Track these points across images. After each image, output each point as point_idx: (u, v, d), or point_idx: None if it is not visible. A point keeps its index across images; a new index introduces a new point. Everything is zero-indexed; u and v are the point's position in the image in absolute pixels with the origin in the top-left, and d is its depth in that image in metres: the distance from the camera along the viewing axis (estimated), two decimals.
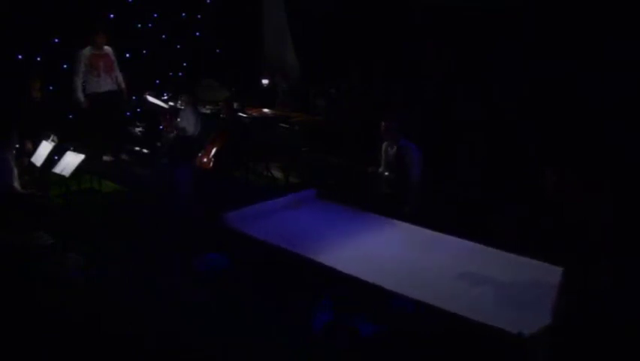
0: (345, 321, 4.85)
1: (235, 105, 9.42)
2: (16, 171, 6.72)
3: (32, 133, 8.29)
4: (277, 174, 8.96)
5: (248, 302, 5.29)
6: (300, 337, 4.85)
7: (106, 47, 8.95)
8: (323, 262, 5.12)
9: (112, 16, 9.90)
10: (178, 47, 10.90)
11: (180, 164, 7.82)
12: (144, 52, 10.42)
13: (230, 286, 5.52)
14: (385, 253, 5.32)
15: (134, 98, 10.06)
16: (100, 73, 8.79)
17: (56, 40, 9.43)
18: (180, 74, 11.02)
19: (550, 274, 4.77)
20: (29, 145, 8.31)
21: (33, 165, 7.96)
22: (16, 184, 6.59)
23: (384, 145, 6.41)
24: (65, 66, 9.47)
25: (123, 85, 9.15)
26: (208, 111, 9.82)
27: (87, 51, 8.78)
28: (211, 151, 8.71)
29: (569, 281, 3.68)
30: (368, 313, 4.86)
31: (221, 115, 9.43)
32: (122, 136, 9.07)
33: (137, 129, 9.91)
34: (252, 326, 4.99)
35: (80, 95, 8.78)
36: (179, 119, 9.60)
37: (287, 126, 9.16)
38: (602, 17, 6.46)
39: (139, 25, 10.32)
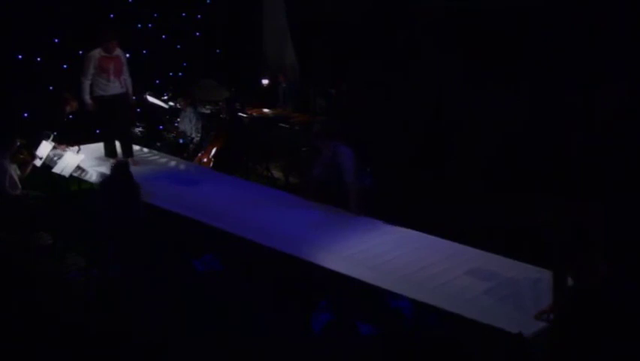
0: (345, 321, 4.86)
1: (235, 105, 9.41)
2: (13, 174, 6.72)
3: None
4: (277, 174, 8.96)
5: (247, 303, 5.30)
6: (300, 337, 4.86)
7: (117, 50, 8.73)
8: (322, 263, 5.12)
9: (112, 16, 9.90)
10: (178, 47, 10.90)
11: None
12: (144, 52, 10.42)
13: (230, 287, 5.52)
14: (384, 254, 5.32)
15: (134, 98, 10.02)
16: (109, 76, 8.41)
17: (56, 41, 9.43)
18: (180, 74, 11.02)
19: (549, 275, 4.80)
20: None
21: (33, 165, 7.95)
22: (11, 188, 6.57)
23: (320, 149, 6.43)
24: (65, 66, 9.47)
25: (130, 88, 8.89)
26: (208, 111, 9.81)
27: (97, 53, 8.42)
28: (211, 151, 8.71)
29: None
30: (367, 314, 4.86)
31: (221, 115, 9.43)
32: (130, 138, 8.87)
33: (137, 129, 9.90)
34: (252, 326, 5.00)
35: (87, 97, 8.54)
36: (179, 119, 9.61)
37: (287, 126, 9.15)
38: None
39: (139, 25, 10.32)
